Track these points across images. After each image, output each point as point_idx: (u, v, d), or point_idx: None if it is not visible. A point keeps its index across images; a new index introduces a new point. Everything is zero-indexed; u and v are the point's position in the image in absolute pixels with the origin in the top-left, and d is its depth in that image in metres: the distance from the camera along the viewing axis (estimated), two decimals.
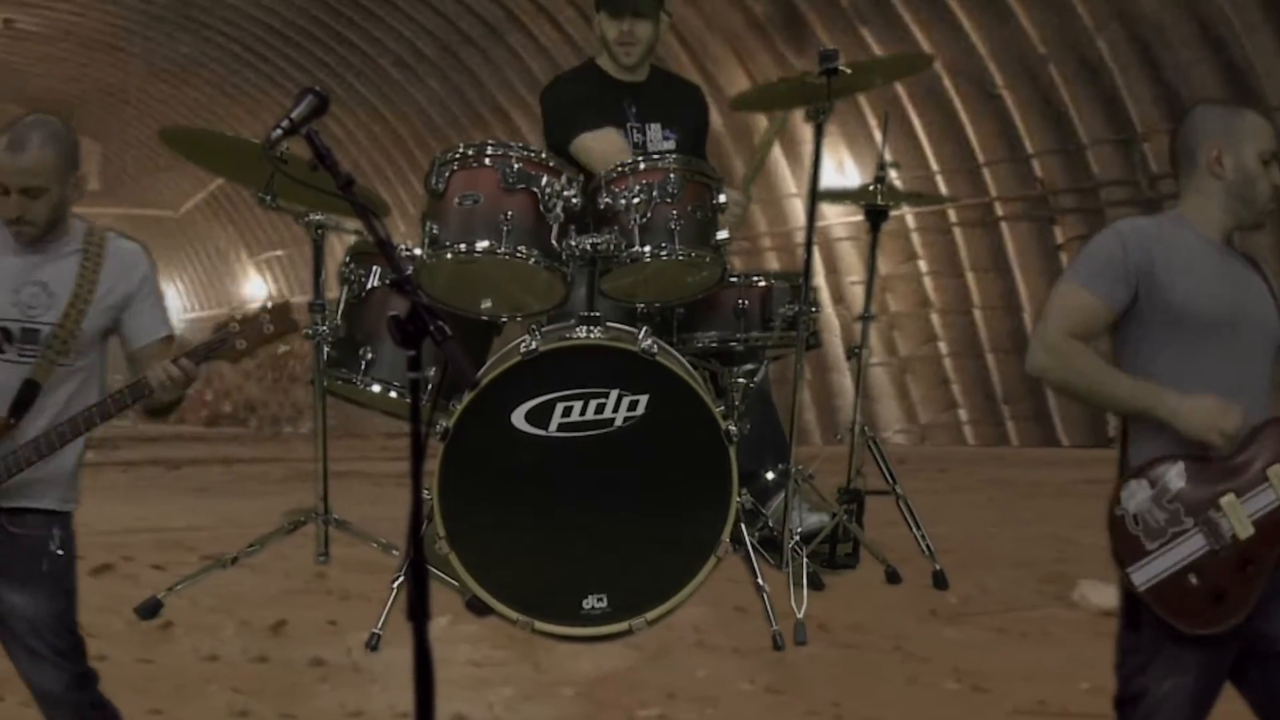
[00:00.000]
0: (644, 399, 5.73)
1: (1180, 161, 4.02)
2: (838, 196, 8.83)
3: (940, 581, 7.02)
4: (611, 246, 5.85)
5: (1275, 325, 3.97)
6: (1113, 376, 3.87)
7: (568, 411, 5.72)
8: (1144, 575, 3.79)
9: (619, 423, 5.74)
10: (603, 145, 6.46)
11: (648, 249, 5.92)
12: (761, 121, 19.88)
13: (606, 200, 5.97)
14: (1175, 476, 3.82)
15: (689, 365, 6.04)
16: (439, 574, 5.72)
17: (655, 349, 5.73)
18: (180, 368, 4.20)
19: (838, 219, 19.47)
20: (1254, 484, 3.81)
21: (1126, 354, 3.93)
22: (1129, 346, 3.92)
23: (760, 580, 5.94)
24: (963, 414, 19.77)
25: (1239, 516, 3.79)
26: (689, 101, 6.97)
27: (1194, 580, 3.78)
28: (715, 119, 7.34)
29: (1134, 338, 3.91)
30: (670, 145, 6.61)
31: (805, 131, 7.22)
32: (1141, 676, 3.87)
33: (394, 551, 6.37)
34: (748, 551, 6.04)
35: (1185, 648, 3.82)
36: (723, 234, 6.05)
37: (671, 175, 5.97)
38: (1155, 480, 3.82)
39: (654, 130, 6.65)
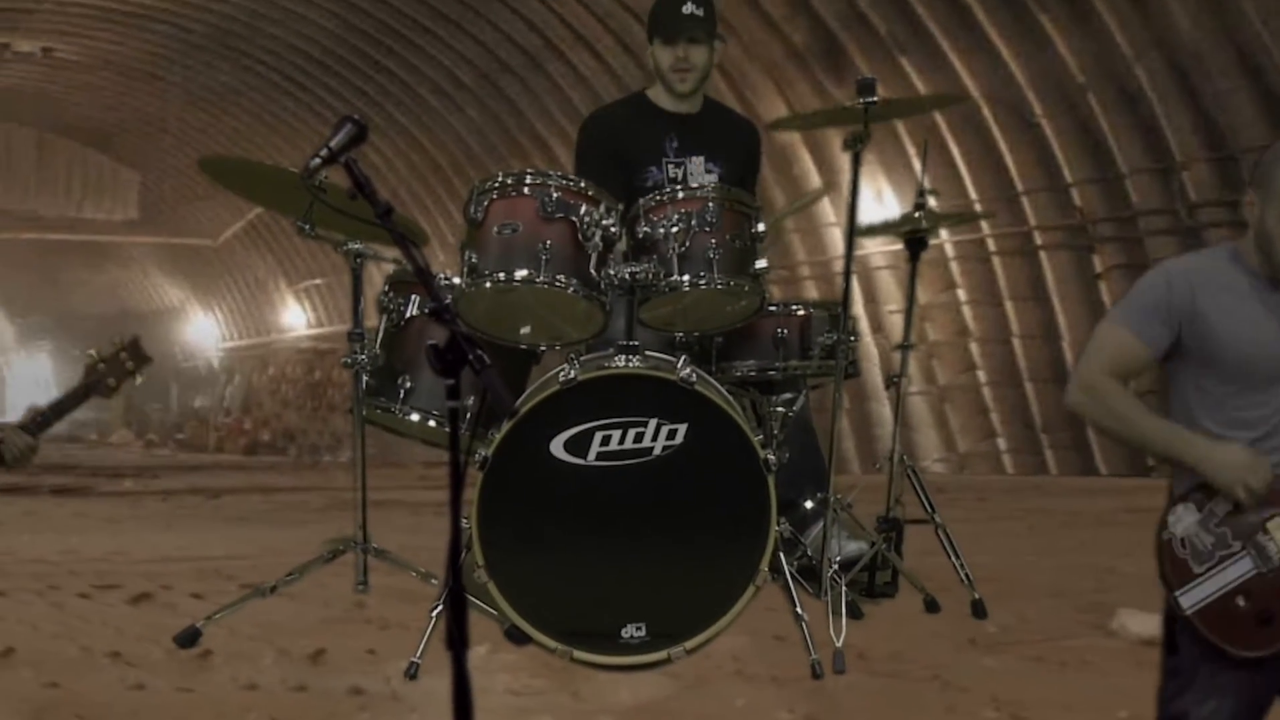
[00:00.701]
0: (683, 428, 5.74)
1: None
2: (875, 230, 8.79)
3: (979, 610, 7.00)
4: (650, 275, 5.85)
5: None
6: (1145, 418, 3.87)
7: (606, 440, 5.73)
8: (1192, 599, 3.78)
9: (658, 452, 5.74)
10: None
11: (686, 278, 5.92)
12: (802, 152, 19.94)
13: (645, 229, 5.97)
14: (1223, 500, 3.82)
15: (728, 394, 6.03)
16: (478, 603, 5.72)
17: (694, 378, 5.73)
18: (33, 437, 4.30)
19: (876, 248, 19.46)
20: None
21: (1174, 392, 3.93)
22: (1175, 385, 3.93)
23: (799, 609, 5.92)
24: (1001, 443, 19.69)
25: None
26: (740, 135, 6.92)
27: (1242, 603, 3.78)
28: None
29: (1180, 376, 3.91)
30: (713, 179, 6.59)
31: (844, 160, 7.22)
32: (1182, 699, 3.88)
33: (433, 580, 6.38)
34: (786, 580, 6.03)
35: (1224, 670, 3.82)
36: (761, 263, 6.05)
37: (710, 204, 5.97)
38: (1202, 504, 3.81)
39: (696, 163, 6.63)
